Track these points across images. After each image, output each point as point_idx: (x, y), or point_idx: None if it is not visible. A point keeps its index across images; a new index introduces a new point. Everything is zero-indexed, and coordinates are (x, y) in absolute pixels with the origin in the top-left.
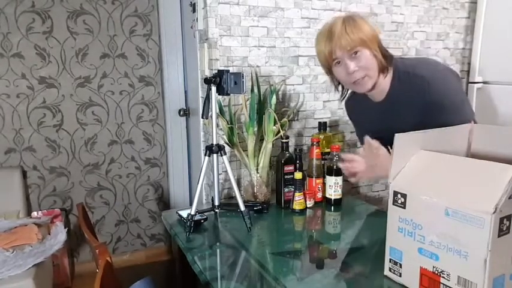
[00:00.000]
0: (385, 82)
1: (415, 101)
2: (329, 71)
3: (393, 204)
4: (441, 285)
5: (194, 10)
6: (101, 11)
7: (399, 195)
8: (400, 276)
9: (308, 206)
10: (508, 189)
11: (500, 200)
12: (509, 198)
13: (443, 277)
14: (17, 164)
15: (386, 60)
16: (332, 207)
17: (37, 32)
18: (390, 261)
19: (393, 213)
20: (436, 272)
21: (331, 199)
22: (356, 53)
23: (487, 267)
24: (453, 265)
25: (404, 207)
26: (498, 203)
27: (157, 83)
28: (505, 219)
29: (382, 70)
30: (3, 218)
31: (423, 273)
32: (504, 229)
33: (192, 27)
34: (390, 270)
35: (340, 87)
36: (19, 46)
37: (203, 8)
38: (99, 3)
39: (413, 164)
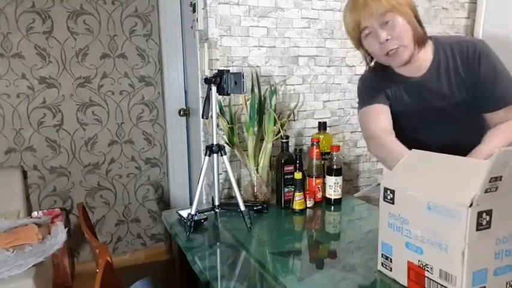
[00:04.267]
0: (423, 56)
1: (467, 70)
2: (359, 44)
3: (384, 200)
4: (426, 278)
5: (194, 10)
6: (101, 11)
7: (388, 192)
8: (391, 270)
9: (308, 205)
10: (484, 183)
11: (476, 194)
12: (485, 192)
13: (427, 270)
14: (17, 164)
15: (423, 30)
16: (332, 207)
17: (37, 32)
18: (382, 256)
19: (384, 209)
20: (421, 265)
21: (331, 199)
22: (387, 21)
23: (465, 260)
24: (435, 258)
25: (393, 203)
26: (474, 197)
27: (158, 83)
28: (484, 214)
29: (419, 41)
30: (4, 218)
31: (410, 267)
32: (483, 223)
33: (192, 27)
34: (382, 265)
35: (372, 64)
36: (19, 46)
37: (203, 8)
38: (99, 3)
39: (404, 162)
